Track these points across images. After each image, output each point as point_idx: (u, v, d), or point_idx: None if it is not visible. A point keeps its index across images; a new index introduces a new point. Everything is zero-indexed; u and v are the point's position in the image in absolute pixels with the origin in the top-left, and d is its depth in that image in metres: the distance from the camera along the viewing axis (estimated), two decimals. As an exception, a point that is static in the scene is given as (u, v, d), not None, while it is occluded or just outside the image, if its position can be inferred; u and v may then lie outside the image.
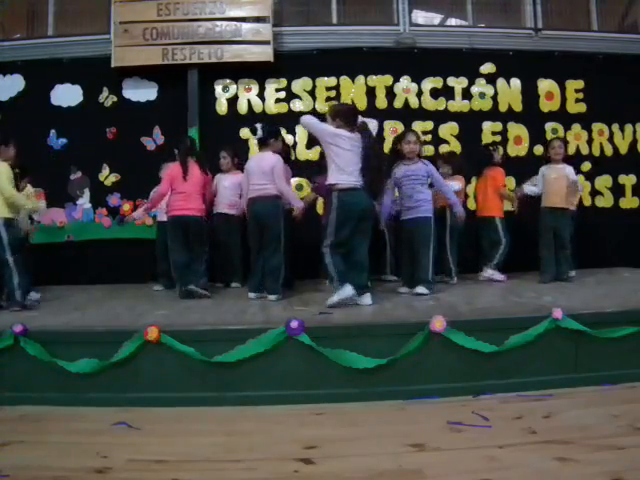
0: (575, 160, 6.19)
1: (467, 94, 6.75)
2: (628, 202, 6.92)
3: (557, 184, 5.26)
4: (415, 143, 4.76)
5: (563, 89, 6.84)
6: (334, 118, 4.19)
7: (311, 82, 6.65)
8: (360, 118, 4.25)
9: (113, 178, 6.49)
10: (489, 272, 5.46)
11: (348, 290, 4.01)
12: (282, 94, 6.64)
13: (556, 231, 5.26)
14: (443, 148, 6.56)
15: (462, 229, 5.31)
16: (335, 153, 4.11)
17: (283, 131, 6.32)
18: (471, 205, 6.30)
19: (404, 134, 4.91)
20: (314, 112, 6.09)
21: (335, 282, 4.08)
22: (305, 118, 4.32)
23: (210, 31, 6.40)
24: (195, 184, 4.92)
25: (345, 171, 4.08)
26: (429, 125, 6.63)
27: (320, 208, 5.95)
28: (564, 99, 6.84)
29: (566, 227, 5.31)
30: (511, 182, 6.31)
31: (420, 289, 4.57)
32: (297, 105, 6.61)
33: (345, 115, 4.20)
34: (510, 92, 6.77)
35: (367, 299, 4.17)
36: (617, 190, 6.88)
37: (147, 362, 3.28)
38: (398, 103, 6.67)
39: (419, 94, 6.71)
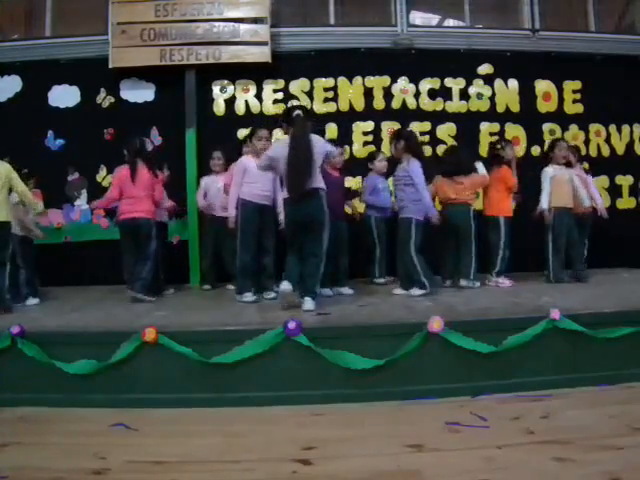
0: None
1: (465, 95, 6.74)
2: (625, 202, 6.92)
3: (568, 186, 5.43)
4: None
5: (560, 90, 6.85)
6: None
7: (309, 83, 6.64)
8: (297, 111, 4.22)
9: (111, 179, 6.46)
10: (493, 280, 5.36)
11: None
12: (280, 95, 6.63)
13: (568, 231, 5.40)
14: (440, 149, 6.57)
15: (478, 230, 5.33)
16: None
17: (280, 132, 6.35)
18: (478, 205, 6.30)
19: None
20: (312, 112, 6.09)
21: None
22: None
23: (208, 32, 6.39)
24: (144, 187, 4.94)
25: None
26: (427, 126, 6.63)
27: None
28: (561, 100, 6.85)
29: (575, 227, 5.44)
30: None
31: (415, 291, 4.61)
32: (295, 106, 6.60)
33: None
34: (508, 93, 6.78)
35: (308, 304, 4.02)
36: (614, 191, 6.88)
37: (145, 363, 3.29)
38: (396, 104, 6.66)
39: (417, 95, 6.70)
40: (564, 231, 5.39)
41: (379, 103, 6.65)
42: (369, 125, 6.57)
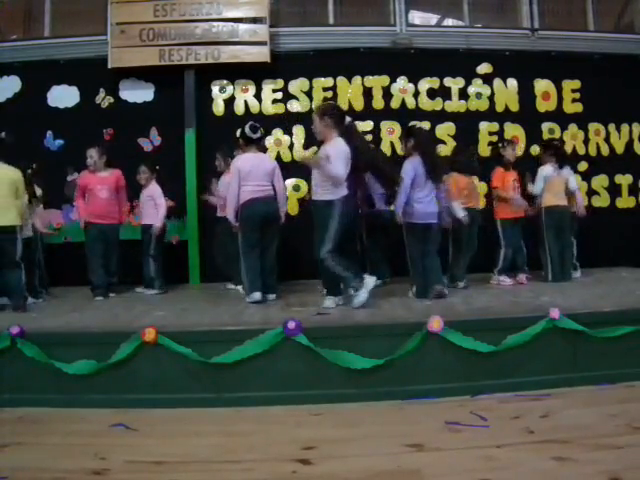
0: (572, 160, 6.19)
1: (464, 94, 6.75)
2: (625, 202, 6.93)
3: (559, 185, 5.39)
4: None
5: (560, 89, 6.85)
6: (322, 117, 4.18)
7: (308, 83, 6.64)
8: (347, 118, 4.28)
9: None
10: (495, 279, 5.41)
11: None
12: (279, 95, 6.63)
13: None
14: (440, 148, 6.57)
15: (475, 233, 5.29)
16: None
17: (280, 132, 6.38)
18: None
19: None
20: (310, 112, 6.07)
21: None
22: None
23: (207, 32, 6.39)
24: None
25: None
26: (426, 125, 6.60)
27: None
28: (561, 99, 6.86)
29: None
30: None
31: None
32: (294, 106, 6.60)
33: (333, 115, 4.19)
34: (507, 92, 6.78)
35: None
36: (614, 190, 6.89)
37: (145, 363, 3.29)
38: (395, 103, 6.67)
39: (416, 94, 6.71)
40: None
41: (378, 103, 6.65)
42: (368, 124, 6.57)
